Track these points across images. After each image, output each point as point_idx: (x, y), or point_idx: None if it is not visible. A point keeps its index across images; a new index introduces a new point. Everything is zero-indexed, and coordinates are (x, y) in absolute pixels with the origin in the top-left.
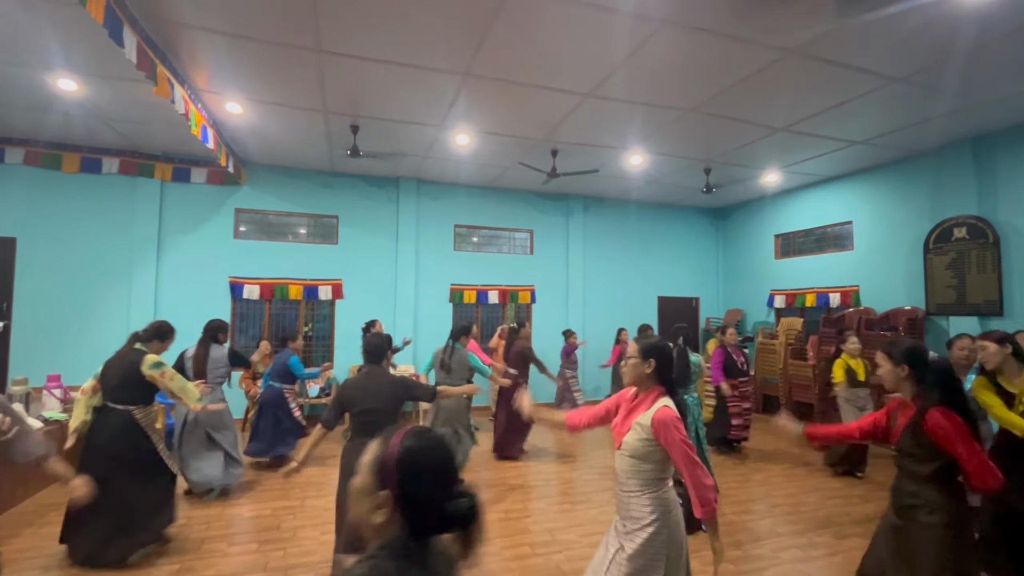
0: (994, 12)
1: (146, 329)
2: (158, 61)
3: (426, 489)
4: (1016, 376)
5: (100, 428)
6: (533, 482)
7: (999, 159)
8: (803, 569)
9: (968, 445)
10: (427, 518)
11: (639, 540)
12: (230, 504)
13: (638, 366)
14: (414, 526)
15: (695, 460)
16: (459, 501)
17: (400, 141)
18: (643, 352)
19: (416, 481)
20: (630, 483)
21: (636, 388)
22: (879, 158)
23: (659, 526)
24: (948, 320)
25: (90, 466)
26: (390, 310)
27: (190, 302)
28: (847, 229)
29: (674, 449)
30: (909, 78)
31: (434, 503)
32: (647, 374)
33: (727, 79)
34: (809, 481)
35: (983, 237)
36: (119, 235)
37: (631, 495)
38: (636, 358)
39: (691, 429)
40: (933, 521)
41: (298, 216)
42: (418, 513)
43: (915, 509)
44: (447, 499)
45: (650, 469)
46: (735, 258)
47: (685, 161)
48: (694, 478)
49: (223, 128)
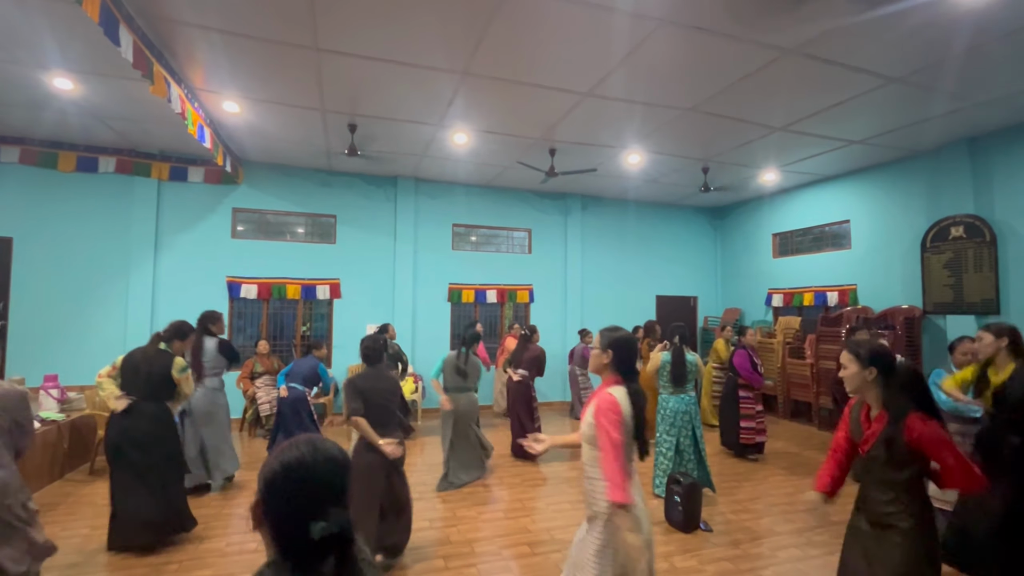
0: (990, 13)
1: (167, 329)
2: (154, 59)
3: (283, 506)
4: (1002, 368)
5: (134, 423)
6: (535, 480)
7: (995, 159)
8: (801, 568)
9: (953, 449)
10: (288, 538)
11: (598, 528)
12: (228, 504)
13: (598, 356)
14: (280, 545)
15: (615, 451)
16: (319, 524)
17: (398, 140)
18: (602, 344)
19: (275, 496)
20: (591, 471)
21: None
22: (877, 157)
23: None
24: (945, 319)
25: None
26: (388, 309)
27: (188, 302)
28: (845, 228)
29: (600, 433)
30: (907, 78)
31: (293, 523)
32: (605, 364)
33: (725, 78)
34: (808, 480)
35: (980, 236)
36: (116, 235)
37: (593, 481)
38: (597, 349)
39: (687, 429)
40: (911, 525)
41: (296, 215)
42: (279, 530)
43: (893, 516)
44: (310, 520)
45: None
46: (733, 257)
47: (683, 160)
48: (608, 464)
49: (220, 127)
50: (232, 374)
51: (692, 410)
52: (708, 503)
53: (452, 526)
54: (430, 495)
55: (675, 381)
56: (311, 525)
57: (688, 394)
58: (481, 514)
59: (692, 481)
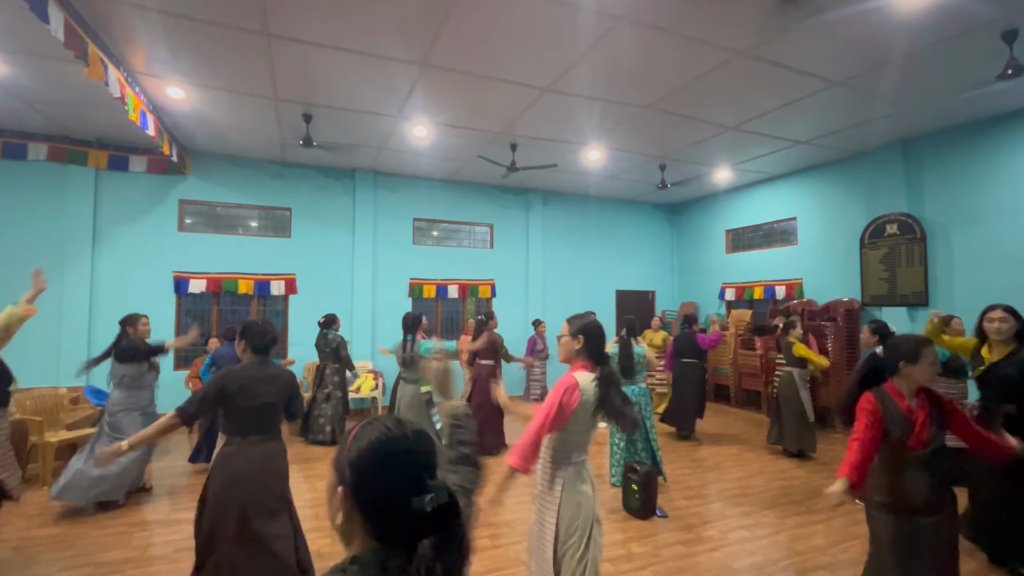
0: (923, 22)
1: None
2: (89, 40)
3: (380, 484)
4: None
5: None
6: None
7: (926, 161)
8: (749, 548)
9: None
10: (388, 519)
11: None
12: (175, 507)
13: (569, 343)
14: (378, 531)
15: (542, 421)
16: (422, 497)
17: (356, 131)
18: (573, 330)
19: (368, 478)
20: (544, 453)
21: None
22: (821, 158)
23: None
24: (881, 311)
25: None
26: (347, 305)
27: (131, 298)
28: (792, 225)
29: (544, 402)
30: (847, 82)
31: (393, 501)
32: (577, 350)
33: (681, 78)
34: (756, 465)
35: (911, 233)
36: (48, 227)
37: (543, 460)
38: (567, 336)
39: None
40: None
41: (248, 208)
42: (377, 513)
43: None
44: (410, 495)
45: (553, 443)
46: (689, 252)
47: (641, 157)
48: (528, 430)
49: (164, 114)
50: (179, 375)
51: (642, 401)
52: (663, 490)
53: None
54: None
55: (623, 373)
56: (414, 500)
57: (639, 385)
58: None
59: (648, 469)
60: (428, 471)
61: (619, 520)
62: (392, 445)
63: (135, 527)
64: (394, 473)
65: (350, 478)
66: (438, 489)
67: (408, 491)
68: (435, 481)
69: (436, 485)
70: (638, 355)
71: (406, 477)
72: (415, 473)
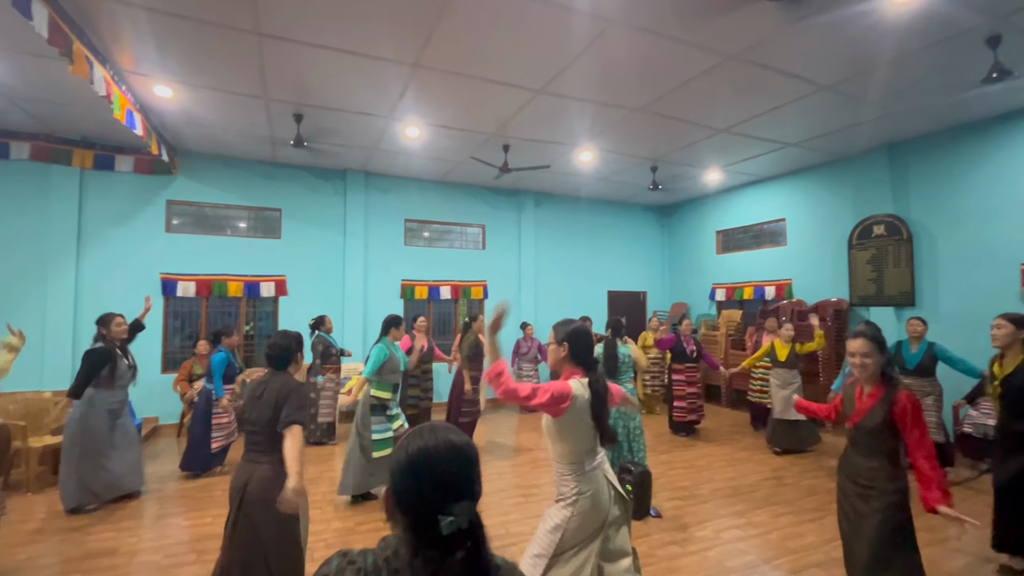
0: (910, 28)
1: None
2: (75, 37)
3: (410, 498)
4: (1013, 359)
5: None
6: (487, 475)
7: (912, 163)
8: (742, 548)
9: (922, 427)
10: (417, 530)
11: (557, 507)
12: (164, 513)
13: (556, 351)
14: (407, 535)
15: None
16: (447, 519)
17: (347, 132)
18: (558, 338)
19: (402, 488)
20: (558, 465)
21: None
22: (810, 160)
23: (576, 502)
24: (869, 311)
25: None
26: (338, 307)
27: (117, 300)
28: (781, 226)
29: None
30: (836, 86)
31: (420, 515)
32: (563, 357)
33: (672, 80)
34: (748, 465)
35: (898, 234)
36: (31, 228)
37: (561, 475)
38: (553, 344)
39: (623, 420)
40: (890, 488)
41: (238, 209)
42: (409, 520)
43: (875, 480)
44: (437, 512)
45: (563, 449)
46: (680, 253)
47: (633, 159)
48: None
49: (152, 113)
50: (167, 377)
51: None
52: (657, 490)
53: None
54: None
55: (608, 373)
56: (440, 519)
57: (624, 385)
58: None
59: (643, 470)
60: (456, 492)
61: None
62: (423, 461)
63: (123, 532)
64: (423, 488)
65: (391, 483)
66: (461, 514)
67: (436, 508)
68: (463, 504)
69: (461, 509)
70: (623, 355)
71: (435, 494)
72: (444, 491)
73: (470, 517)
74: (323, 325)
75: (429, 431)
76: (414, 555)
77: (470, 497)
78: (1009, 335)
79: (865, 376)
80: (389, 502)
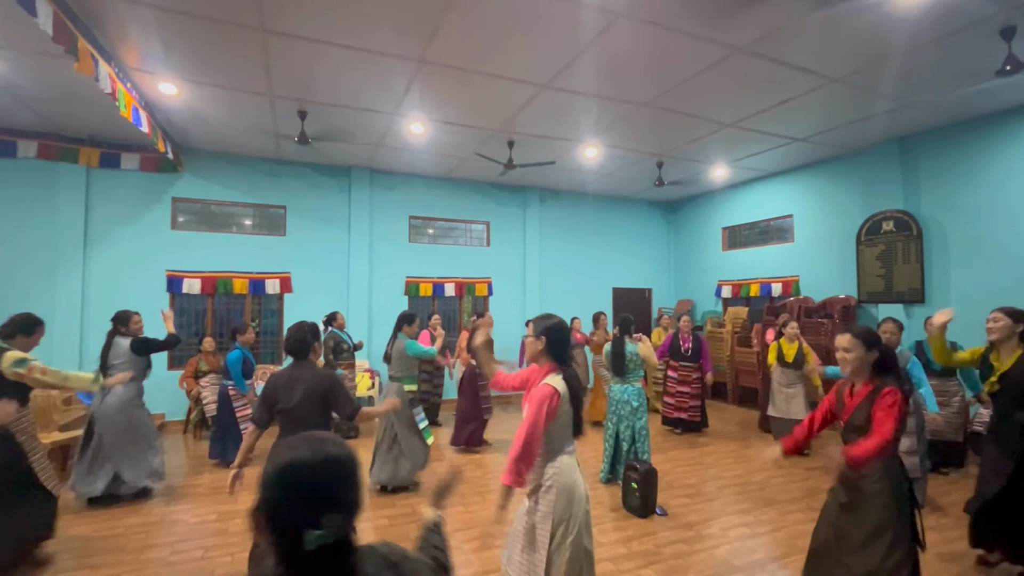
0: (921, 18)
1: (5, 324)
2: (79, 34)
3: (278, 512)
4: (1010, 354)
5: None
6: (490, 474)
7: (922, 158)
8: (750, 546)
9: (893, 424)
10: (283, 546)
11: (539, 500)
12: (171, 510)
13: (533, 344)
14: (278, 553)
15: (527, 435)
16: (312, 532)
17: (351, 128)
18: (536, 331)
19: (269, 501)
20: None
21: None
22: (818, 155)
23: (556, 490)
24: (877, 307)
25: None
26: (343, 304)
27: (123, 298)
28: (788, 222)
29: (528, 414)
30: (845, 79)
31: (286, 531)
32: (540, 351)
33: (679, 74)
34: (755, 462)
35: (908, 230)
36: (40, 226)
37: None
38: (531, 337)
39: (628, 419)
40: (878, 489)
41: (242, 206)
42: (276, 537)
43: (862, 479)
44: (304, 527)
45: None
46: (685, 250)
47: (638, 155)
48: (514, 448)
49: (157, 110)
50: (173, 374)
51: (635, 400)
52: (663, 488)
53: (412, 522)
54: (387, 492)
55: (614, 371)
56: (305, 534)
57: (632, 384)
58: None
59: (648, 468)
60: (333, 504)
61: (619, 518)
62: (295, 474)
63: (132, 529)
64: (292, 503)
65: (258, 496)
66: (330, 527)
67: (303, 522)
68: (334, 517)
69: (332, 522)
70: (630, 354)
71: (305, 508)
72: (314, 506)
73: (341, 531)
74: (335, 321)
75: (304, 441)
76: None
77: (343, 511)
78: (1006, 328)
79: (849, 371)
80: (257, 517)
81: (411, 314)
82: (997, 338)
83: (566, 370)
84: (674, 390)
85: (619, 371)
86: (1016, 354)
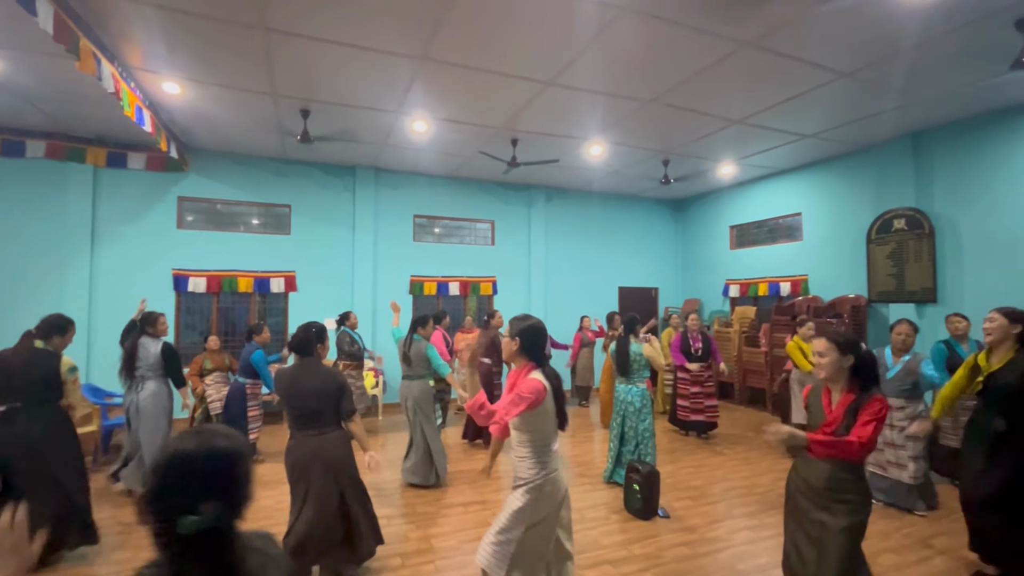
0: (934, 11)
1: (40, 325)
2: (81, 33)
3: (160, 500)
4: (1003, 356)
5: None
6: (504, 467)
7: (936, 154)
8: (754, 550)
9: (872, 432)
10: (160, 533)
11: (520, 492)
12: None
13: (509, 344)
14: (156, 541)
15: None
16: (187, 518)
17: (355, 127)
18: (511, 332)
19: (154, 489)
20: (520, 450)
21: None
22: (827, 152)
23: (541, 483)
24: (888, 307)
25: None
26: (347, 303)
27: (130, 297)
28: (797, 220)
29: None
30: (856, 73)
31: (164, 517)
32: (515, 351)
33: (685, 70)
34: (763, 463)
35: (920, 228)
36: (48, 225)
37: (520, 459)
38: (507, 336)
39: (632, 419)
40: (858, 502)
41: (248, 205)
42: (156, 525)
43: (844, 491)
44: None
45: (529, 436)
46: (692, 248)
47: (644, 152)
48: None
49: (161, 110)
50: None
51: (638, 401)
52: (667, 490)
53: (411, 522)
54: (388, 491)
55: (618, 370)
56: (179, 520)
57: (636, 385)
58: (440, 509)
59: (650, 469)
60: (212, 493)
61: (621, 521)
62: (177, 461)
63: (131, 526)
64: (172, 487)
65: (146, 481)
66: (206, 514)
67: (180, 508)
68: (211, 506)
69: (207, 508)
70: (634, 354)
71: (184, 496)
72: (194, 494)
73: (217, 518)
74: (348, 320)
75: (195, 434)
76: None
77: (223, 501)
78: (1002, 329)
79: (824, 376)
80: (143, 505)
81: (425, 316)
82: (992, 339)
83: (545, 368)
84: (687, 391)
85: (624, 371)
86: (1009, 355)
